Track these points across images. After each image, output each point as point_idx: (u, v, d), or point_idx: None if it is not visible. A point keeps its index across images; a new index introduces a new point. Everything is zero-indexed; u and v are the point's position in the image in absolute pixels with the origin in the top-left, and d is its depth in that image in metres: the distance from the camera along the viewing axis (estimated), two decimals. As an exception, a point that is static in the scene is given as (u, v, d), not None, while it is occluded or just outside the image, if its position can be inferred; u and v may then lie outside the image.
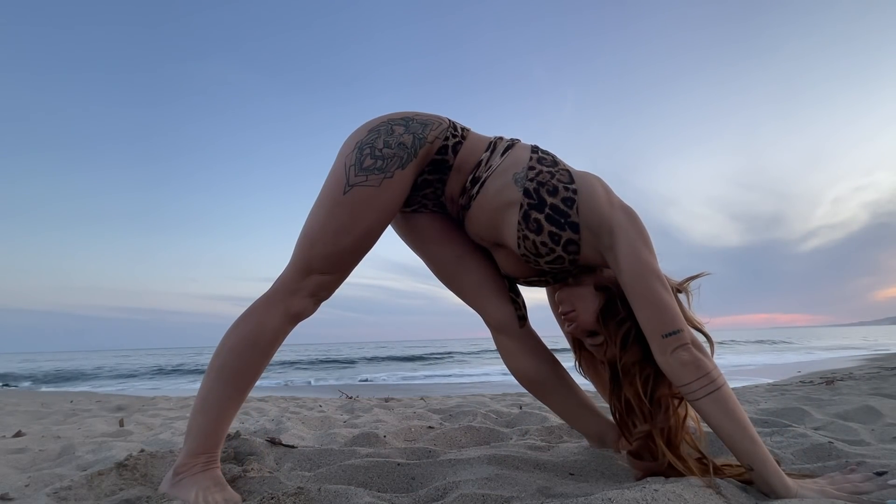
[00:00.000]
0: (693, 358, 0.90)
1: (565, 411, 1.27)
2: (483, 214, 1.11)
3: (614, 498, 0.76)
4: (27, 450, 1.67)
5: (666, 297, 0.93)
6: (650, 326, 0.93)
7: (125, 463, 1.14)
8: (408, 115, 1.09)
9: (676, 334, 0.91)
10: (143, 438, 1.94)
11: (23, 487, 1.14)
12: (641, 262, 0.95)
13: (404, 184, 1.05)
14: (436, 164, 1.11)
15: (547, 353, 1.26)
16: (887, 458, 1.08)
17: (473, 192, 1.10)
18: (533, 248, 1.04)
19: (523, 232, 1.04)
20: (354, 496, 0.90)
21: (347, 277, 1.10)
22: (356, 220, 1.02)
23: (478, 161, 1.11)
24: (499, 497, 0.85)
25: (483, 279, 1.23)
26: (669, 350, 0.91)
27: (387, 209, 1.04)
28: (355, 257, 1.06)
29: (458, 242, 1.24)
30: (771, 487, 0.87)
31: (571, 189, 1.02)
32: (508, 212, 1.06)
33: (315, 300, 1.06)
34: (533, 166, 1.06)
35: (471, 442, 1.57)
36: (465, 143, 1.12)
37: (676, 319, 0.92)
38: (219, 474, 1.00)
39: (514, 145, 1.12)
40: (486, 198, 1.09)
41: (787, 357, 9.79)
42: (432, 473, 1.07)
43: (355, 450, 1.29)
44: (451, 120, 1.14)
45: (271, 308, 1.03)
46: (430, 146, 1.08)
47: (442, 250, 1.24)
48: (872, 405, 1.72)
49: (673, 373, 0.91)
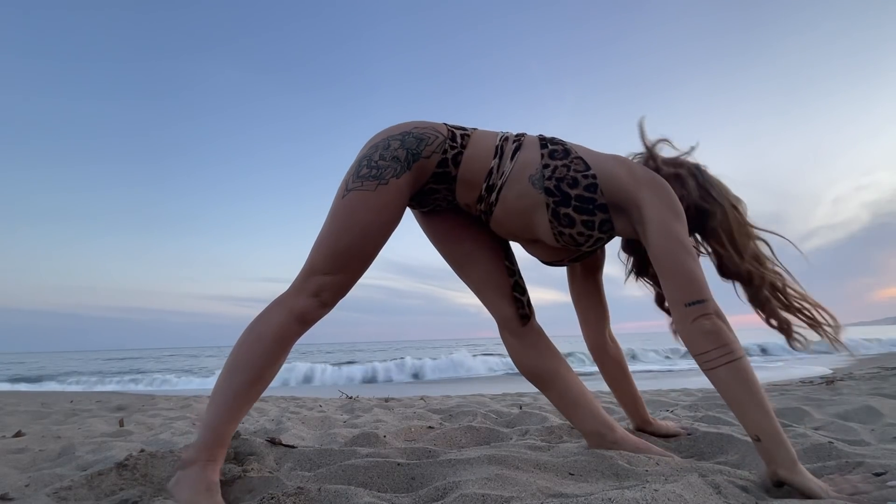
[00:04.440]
0: (715, 327, 0.94)
1: (566, 407, 1.28)
2: (510, 219, 1.13)
3: (614, 498, 0.76)
4: (27, 450, 1.67)
5: (693, 268, 0.98)
6: (675, 295, 0.98)
7: (125, 463, 1.14)
8: (406, 129, 1.12)
9: (701, 303, 0.95)
10: (143, 438, 1.94)
11: (23, 487, 1.14)
12: (671, 237, 1.00)
13: (399, 191, 1.09)
14: (438, 176, 1.13)
15: (551, 350, 1.28)
16: (887, 458, 1.08)
17: (492, 199, 1.12)
18: (571, 240, 1.09)
19: (557, 229, 1.08)
20: (354, 496, 0.90)
21: (354, 281, 1.12)
22: (352, 219, 1.07)
23: (489, 169, 1.12)
24: (499, 497, 0.85)
25: (490, 276, 1.27)
26: (691, 318, 0.95)
27: (382, 210, 1.07)
28: (355, 257, 1.08)
29: (468, 240, 1.27)
30: (775, 461, 0.88)
31: (591, 175, 1.06)
32: (536, 213, 1.09)
33: (318, 300, 1.08)
34: (547, 164, 1.08)
35: (471, 442, 1.57)
36: (466, 152, 1.13)
37: (703, 289, 0.97)
38: (213, 479, 1.00)
39: (521, 144, 1.12)
40: (508, 204, 1.11)
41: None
42: (432, 473, 1.07)
43: (355, 450, 1.29)
44: (452, 128, 1.14)
45: (278, 306, 1.08)
46: (427, 161, 1.10)
47: (454, 247, 1.29)
48: (872, 405, 1.73)
49: (693, 340, 0.95)
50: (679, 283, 0.97)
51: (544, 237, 1.12)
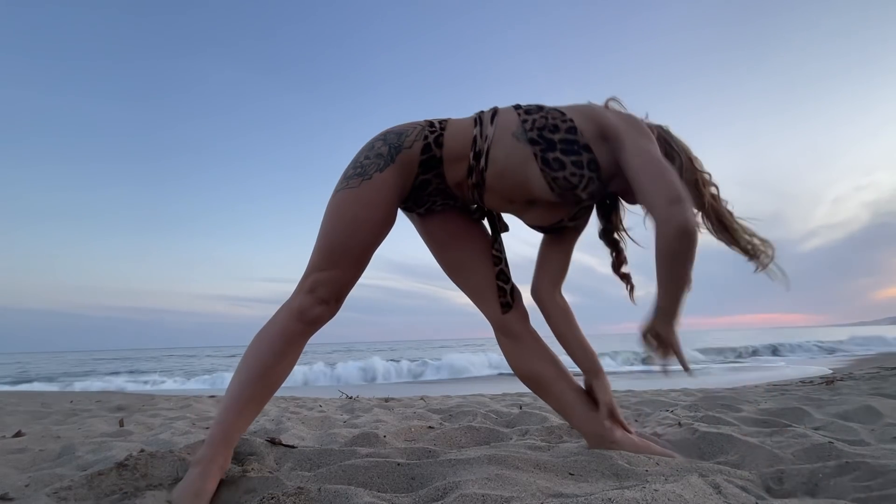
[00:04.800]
0: (692, 228, 1.00)
1: (565, 410, 1.29)
2: (503, 182, 1.15)
3: (614, 498, 0.76)
4: (27, 450, 1.67)
5: (672, 173, 1.05)
6: (657, 198, 1.02)
7: (125, 463, 1.14)
8: (388, 130, 1.21)
9: (680, 203, 1.00)
10: (143, 438, 1.94)
11: (23, 487, 1.14)
12: (648, 154, 1.08)
13: (384, 184, 1.14)
14: (425, 164, 1.17)
15: (547, 353, 1.29)
16: (887, 458, 1.08)
17: (482, 165, 1.15)
18: (566, 182, 1.11)
19: (550, 175, 1.10)
20: (354, 496, 0.90)
21: (349, 278, 1.15)
22: (340, 217, 1.13)
23: (472, 138, 1.16)
24: (499, 497, 0.85)
25: (485, 281, 1.30)
26: (674, 215, 1.00)
27: (368, 205, 1.12)
28: (345, 254, 1.12)
29: (463, 246, 1.31)
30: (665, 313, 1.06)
31: (568, 119, 1.12)
32: (527, 167, 1.12)
33: (315, 297, 1.11)
34: (525, 119, 1.14)
35: (471, 442, 1.57)
36: (446, 132, 1.18)
37: (682, 190, 1.02)
38: (206, 486, 1.00)
39: (497, 111, 1.18)
40: (498, 165, 1.14)
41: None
42: (432, 473, 1.07)
43: (355, 450, 1.29)
44: (429, 119, 1.21)
45: (282, 307, 1.14)
46: (410, 151, 1.16)
47: (449, 253, 1.33)
48: (872, 405, 1.72)
49: (669, 237, 1.00)
50: (661, 186, 1.02)
51: (539, 191, 1.13)
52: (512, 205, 1.22)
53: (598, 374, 1.28)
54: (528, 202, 1.19)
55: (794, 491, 0.96)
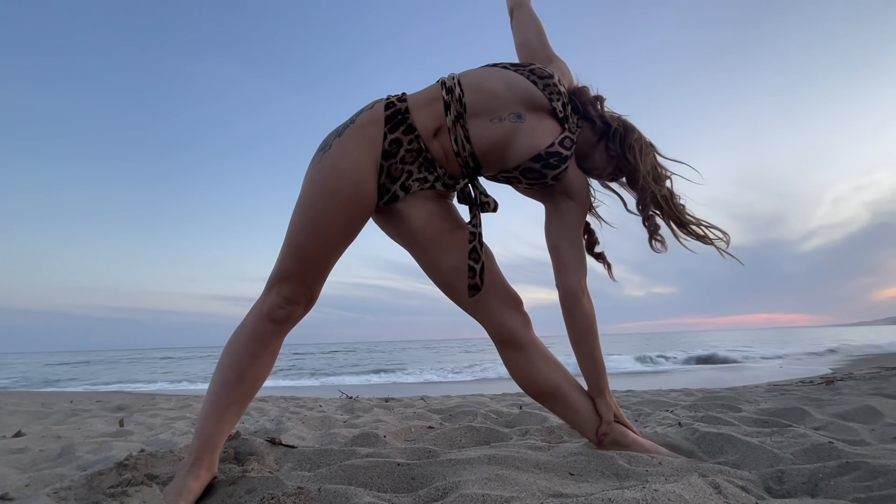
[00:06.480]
0: None
1: (575, 421, 1.24)
2: (482, 94, 1.14)
3: (614, 498, 0.76)
4: (27, 450, 1.67)
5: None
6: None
7: (125, 463, 1.14)
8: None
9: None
10: (143, 438, 1.94)
11: (23, 487, 1.14)
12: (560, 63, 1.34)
13: (342, 149, 1.08)
14: (391, 119, 1.11)
15: (557, 362, 1.22)
16: (887, 458, 1.07)
17: (457, 93, 1.13)
18: (553, 86, 1.18)
19: (531, 77, 1.17)
20: (354, 496, 0.90)
21: (306, 269, 1.08)
22: (303, 198, 1.09)
23: (440, 82, 1.16)
24: (499, 497, 0.85)
25: (484, 291, 1.16)
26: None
27: (331, 175, 1.06)
28: (312, 240, 1.06)
29: (455, 251, 1.16)
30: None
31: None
32: (505, 73, 1.17)
33: (281, 296, 1.08)
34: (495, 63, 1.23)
35: (471, 442, 1.57)
36: (407, 95, 1.17)
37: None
38: (190, 486, 1.00)
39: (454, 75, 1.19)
40: (474, 79, 1.16)
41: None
42: (432, 473, 1.07)
43: (355, 450, 1.29)
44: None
45: (251, 308, 1.12)
46: (371, 111, 1.13)
47: (440, 261, 1.17)
48: (872, 405, 1.72)
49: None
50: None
51: (524, 91, 1.15)
52: (501, 124, 1.13)
53: (602, 393, 1.21)
54: (516, 116, 1.14)
55: (795, 491, 0.96)
